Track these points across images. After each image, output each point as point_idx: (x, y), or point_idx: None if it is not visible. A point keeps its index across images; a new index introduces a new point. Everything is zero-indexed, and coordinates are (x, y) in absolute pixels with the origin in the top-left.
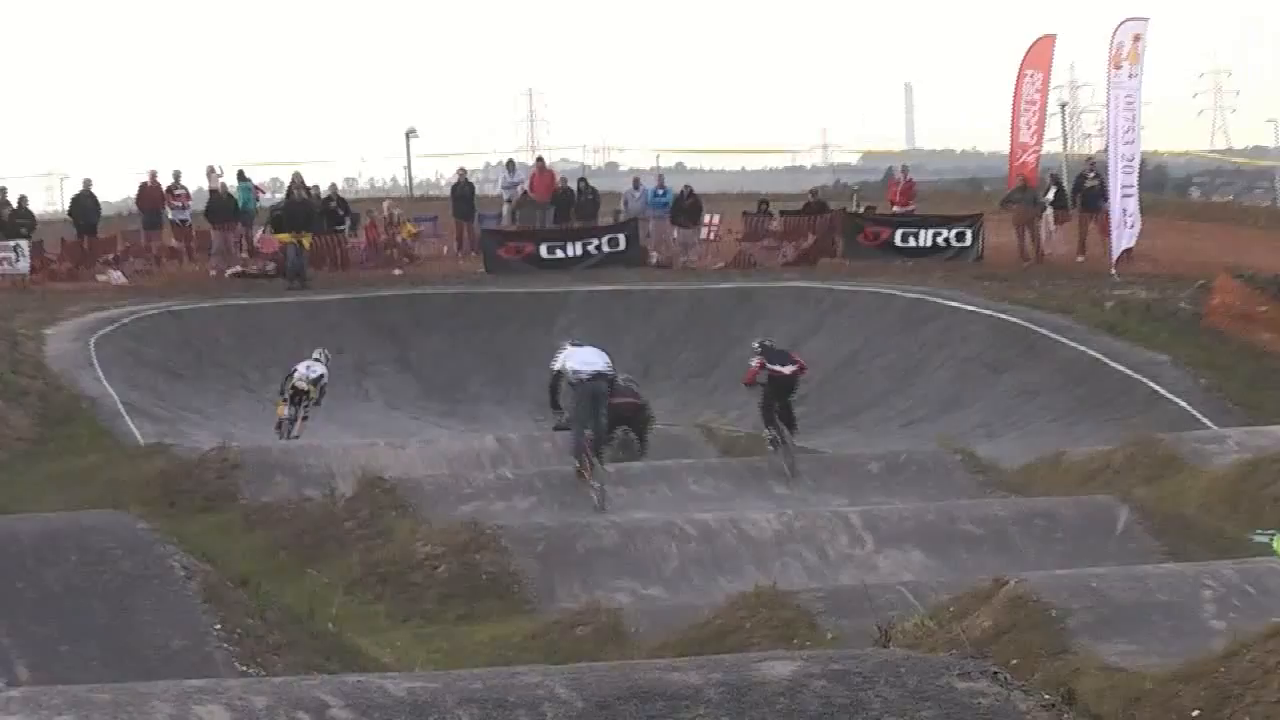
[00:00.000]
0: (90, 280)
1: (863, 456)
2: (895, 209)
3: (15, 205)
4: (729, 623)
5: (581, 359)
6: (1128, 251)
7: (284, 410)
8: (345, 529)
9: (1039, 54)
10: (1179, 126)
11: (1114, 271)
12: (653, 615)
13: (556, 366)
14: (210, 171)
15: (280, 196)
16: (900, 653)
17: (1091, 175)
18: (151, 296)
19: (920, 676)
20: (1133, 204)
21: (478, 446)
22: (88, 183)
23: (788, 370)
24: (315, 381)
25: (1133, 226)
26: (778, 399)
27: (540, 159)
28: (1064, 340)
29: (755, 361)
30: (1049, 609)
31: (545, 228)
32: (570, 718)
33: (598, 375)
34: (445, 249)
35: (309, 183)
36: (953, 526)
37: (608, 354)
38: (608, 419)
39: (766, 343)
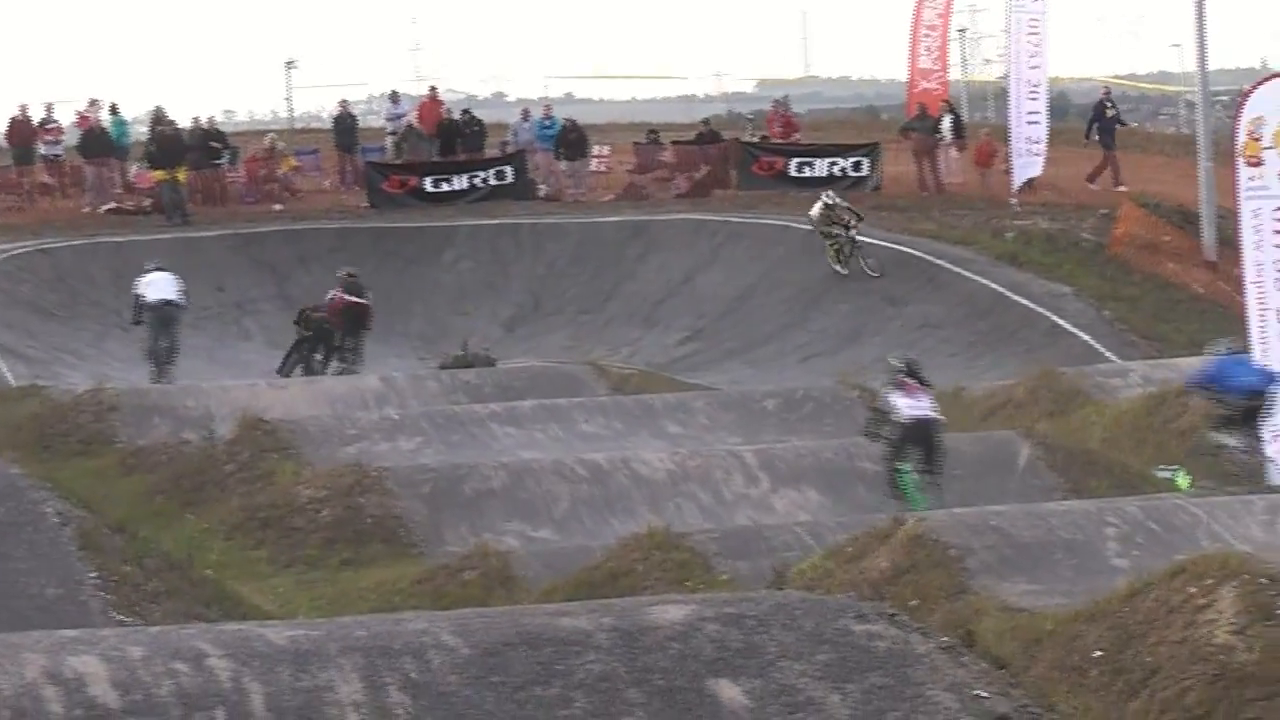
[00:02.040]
0: None
1: (758, 393)
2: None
3: None
4: (621, 565)
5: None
6: (1030, 180)
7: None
8: (225, 472)
9: None
10: (1082, 51)
11: (1015, 201)
12: (543, 558)
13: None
14: (91, 103)
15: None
16: (796, 595)
17: (1110, 105)
18: (23, 234)
19: (816, 619)
20: (1038, 131)
21: (361, 386)
22: None
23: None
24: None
25: (1037, 155)
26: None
27: (433, 89)
28: (965, 273)
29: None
30: (949, 548)
31: (430, 160)
32: (457, 665)
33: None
34: (327, 183)
35: (184, 116)
36: (851, 465)
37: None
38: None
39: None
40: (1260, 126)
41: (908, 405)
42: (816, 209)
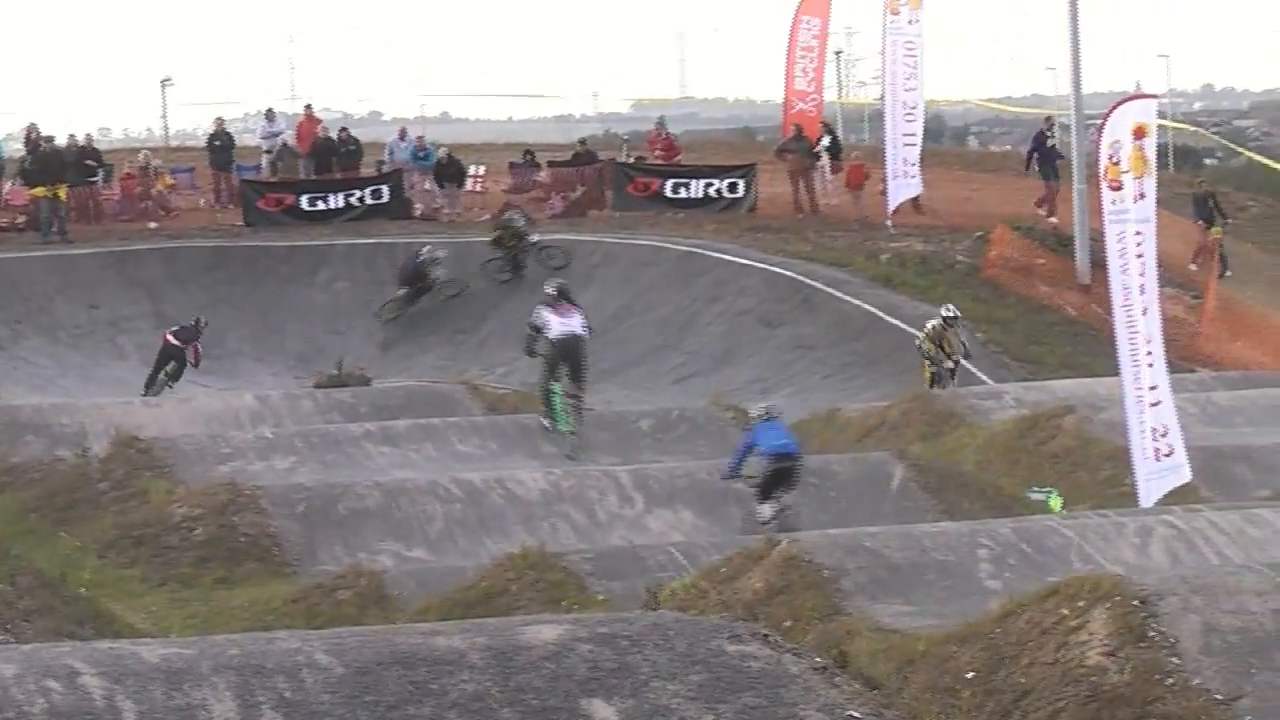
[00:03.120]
0: None
1: (633, 414)
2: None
3: None
4: (495, 585)
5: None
6: (914, 201)
7: None
8: (99, 490)
9: (816, 1)
10: (957, 74)
11: (890, 223)
12: (417, 578)
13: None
14: None
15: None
16: (670, 615)
17: (1049, 135)
18: None
19: (690, 639)
20: (914, 153)
21: (236, 405)
22: None
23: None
24: None
25: (913, 177)
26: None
27: (309, 107)
28: (839, 294)
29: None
30: (822, 569)
31: (306, 179)
32: (330, 684)
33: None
34: (203, 201)
35: (59, 133)
36: (725, 485)
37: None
38: None
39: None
40: (1118, 150)
41: (559, 323)
42: (931, 326)
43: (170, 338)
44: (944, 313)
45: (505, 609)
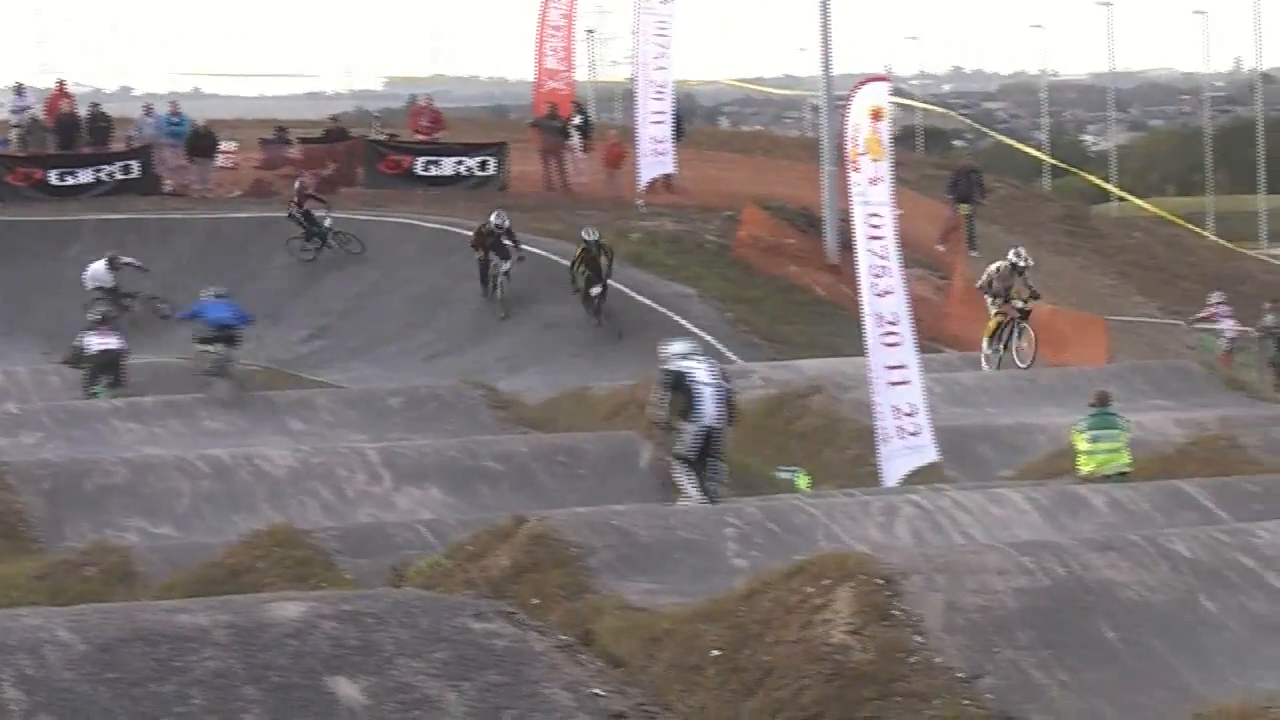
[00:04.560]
0: None
1: (382, 391)
2: (419, 138)
3: None
4: (242, 562)
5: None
6: (666, 179)
7: None
8: None
9: None
10: (709, 54)
11: (641, 202)
12: (164, 554)
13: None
14: None
15: None
16: (414, 593)
17: (974, 169)
18: None
19: (434, 617)
20: (663, 131)
21: None
22: None
23: None
24: None
25: (664, 155)
26: None
27: (60, 82)
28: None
29: None
30: (570, 547)
31: (56, 153)
32: (72, 661)
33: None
34: None
35: None
36: (474, 463)
37: None
38: None
39: None
40: (858, 133)
41: (98, 342)
42: (998, 267)
43: None
44: (1012, 257)
45: (252, 586)
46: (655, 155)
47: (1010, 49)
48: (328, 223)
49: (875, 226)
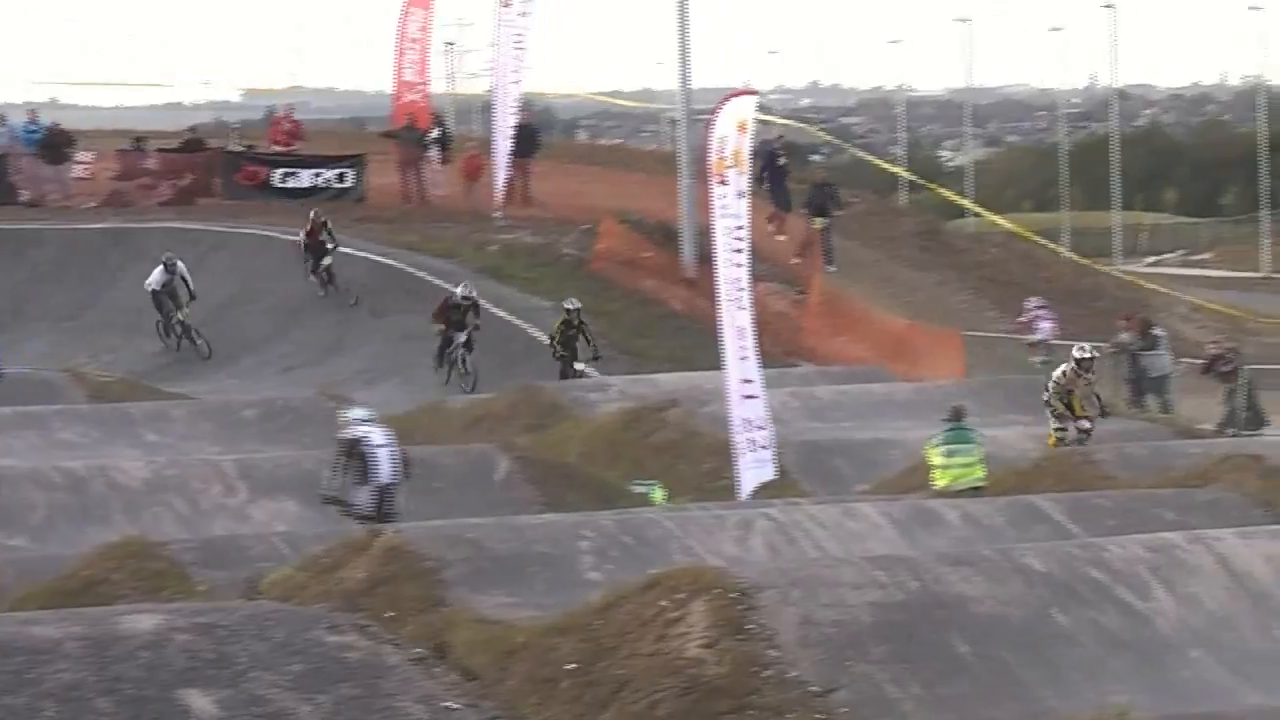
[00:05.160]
0: None
1: (238, 403)
2: (278, 148)
3: None
4: (96, 574)
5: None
6: (524, 193)
7: None
8: None
9: None
10: (568, 67)
11: (499, 214)
12: (17, 566)
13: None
14: None
15: None
16: (269, 605)
17: (780, 153)
18: None
19: (289, 629)
20: (516, 144)
21: None
22: None
23: None
24: None
25: (519, 168)
26: None
27: None
28: (447, 285)
29: None
30: (425, 560)
31: None
32: None
33: None
34: None
35: None
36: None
37: None
38: None
39: None
40: (725, 146)
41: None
42: (1061, 372)
43: None
44: (1076, 354)
45: (107, 598)
46: (511, 168)
47: (868, 64)
48: (327, 261)
49: (738, 239)
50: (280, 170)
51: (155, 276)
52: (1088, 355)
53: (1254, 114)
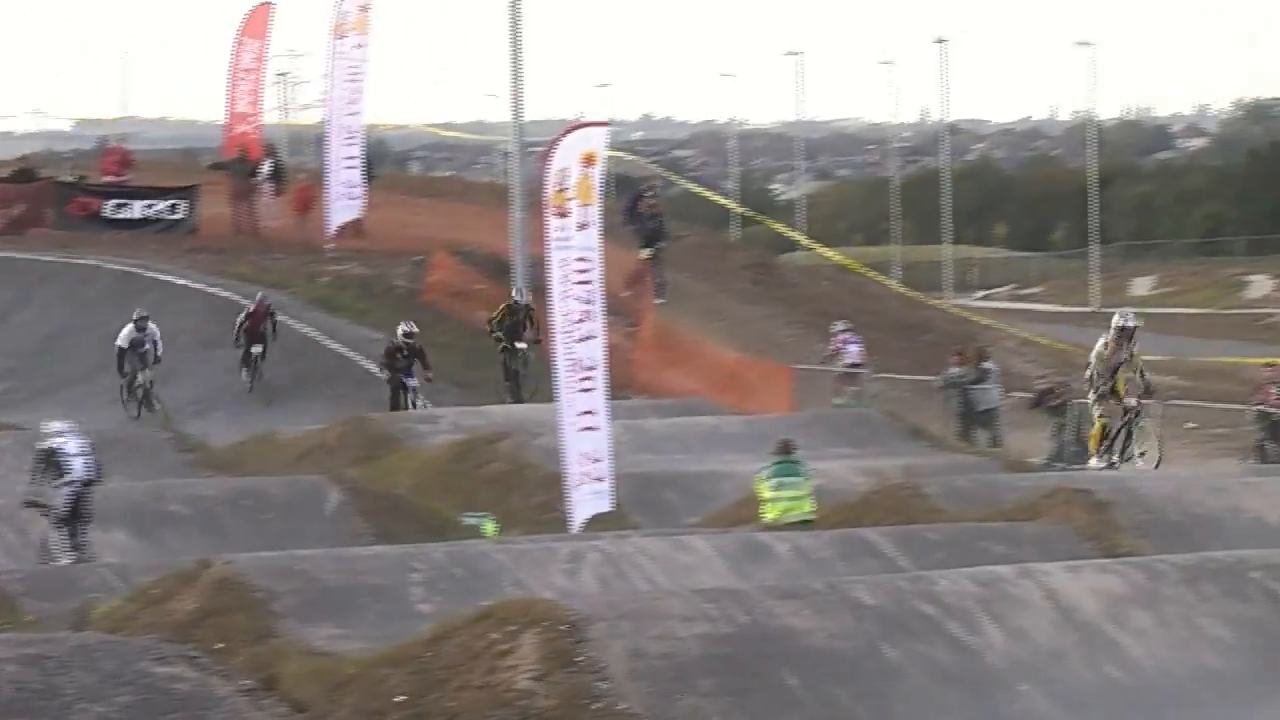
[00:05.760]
0: None
1: None
2: (109, 179)
3: None
4: None
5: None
6: (356, 224)
7: None
8: None
9: (256, 23)
10: (401, 99)
11: (331, 246)
12: None
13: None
14: None
15: None
16: (97, 636)
17: (651, 194)
18: None
19: (117, 661)
20: (355, 176)
21: None
22: None
23: None
24: None
25: (354, 200)
26: None
27: None
28: (278, 317)
29: None
30: (255, 591)
31: None
32: None
33: None
34: None
35: None
36: (160, 507)
37: None
38: None
39: None
40: (566, 178)
41: None
42: (1103, 340)
43: None
44: (1117, 320)
45: None
46: (346, 200)
47: (701, 97)
48: (258, 349)
49: (582, 271)
50: (112, 201)
51: (124, 333)
52: (1130, 324)
53: (1083, 149)
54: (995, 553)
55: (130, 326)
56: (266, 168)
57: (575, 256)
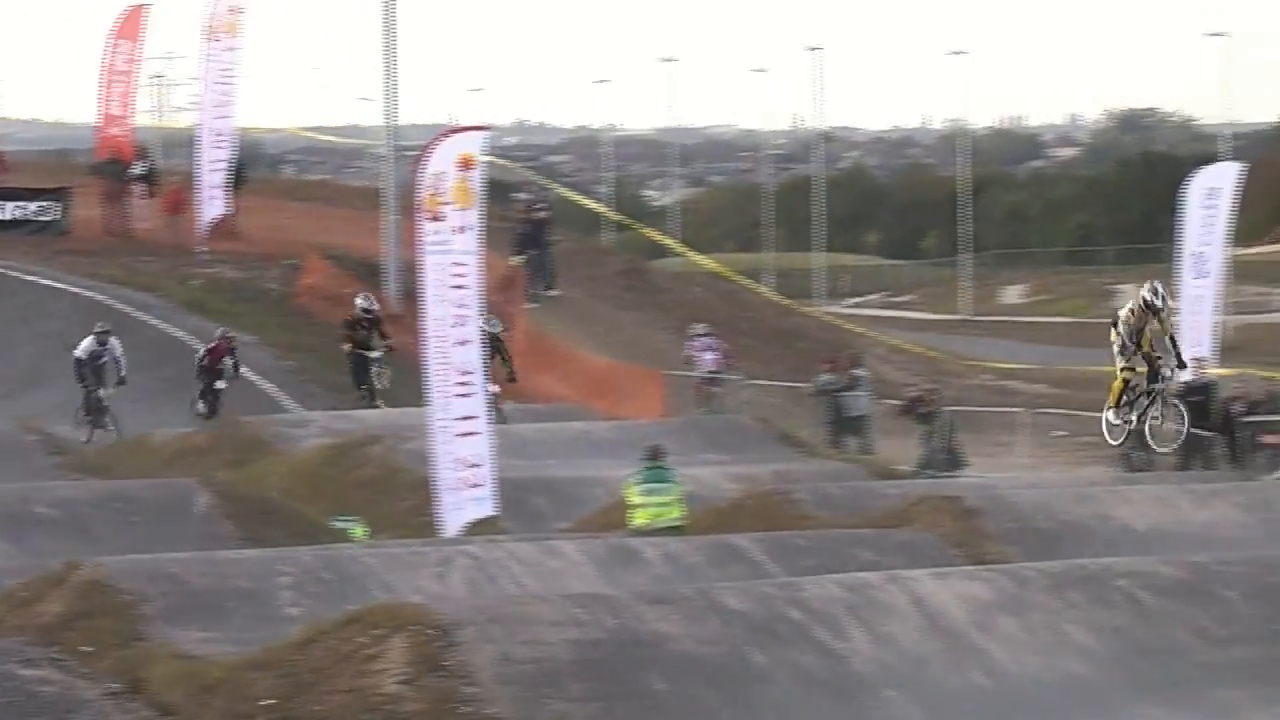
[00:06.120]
0: None
1: None
2: None
3: None
4: None
5: None
6: (225, 223)
7: None
8: None
9: (130, 25)
10: (274, 102)
11: (204, 249)
12: None
13: None
14: None
15: None
16: None
17: (541, 206)
18: None
19: None
20: (220, 178)
21: None
22: None
23: None
24: None
25: (218, 201)
26: None
27: None
28: (149, 319)
29: None
30: (123, 594)
31: None
32: None
33: None
34: None
35: None
36: (26, 509)
37: None
38: None
39: None
40: (441, 182)
41: None
42: (1131, 306)
43: None
44: (1146, 294)
45: None
46: (214, 202)
47: (575, 103)
48: (221, 385)
49: (459, 275)
50: None
51: (84, 345)
52: (1157, 301)
53: (955, 158)
54: (864, 559)
55: (91, 339)
56: (138, 170)
57: (452, 260)
